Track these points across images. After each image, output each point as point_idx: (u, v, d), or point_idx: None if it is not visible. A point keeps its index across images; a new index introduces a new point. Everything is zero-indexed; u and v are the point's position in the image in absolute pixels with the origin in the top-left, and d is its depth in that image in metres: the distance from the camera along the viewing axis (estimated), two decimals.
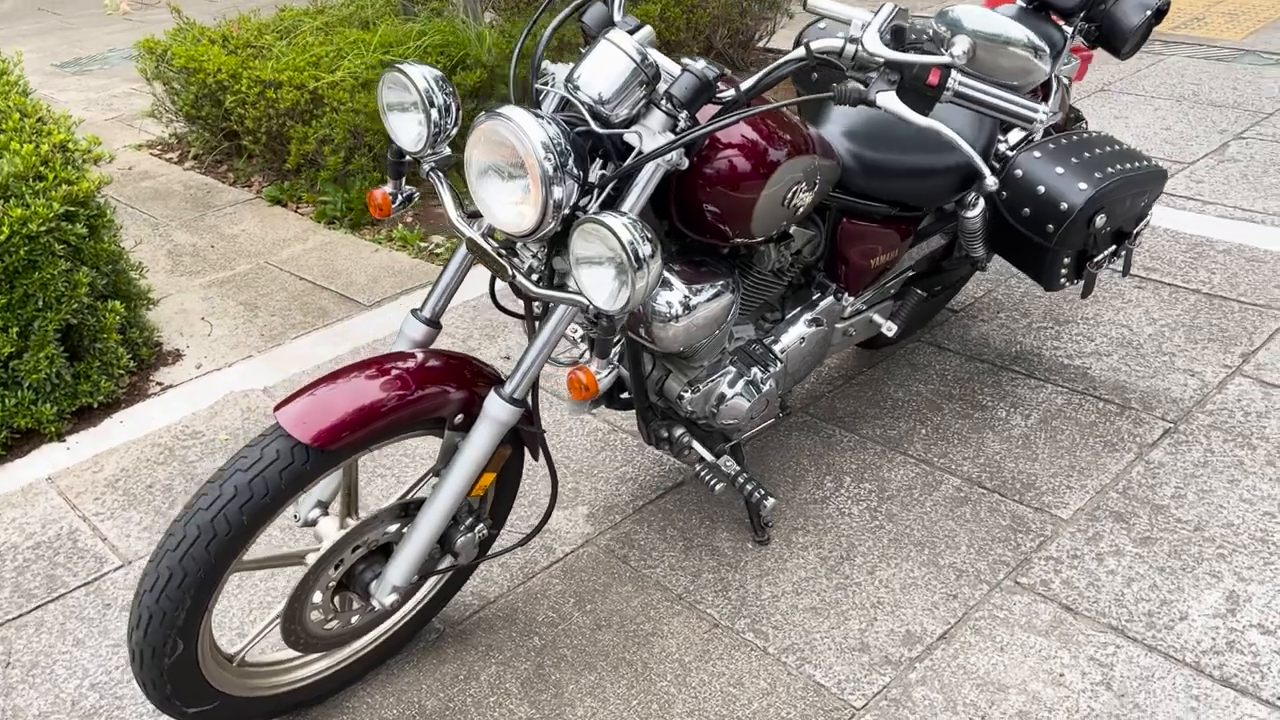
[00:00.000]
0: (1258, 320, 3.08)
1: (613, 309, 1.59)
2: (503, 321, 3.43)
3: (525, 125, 1.58)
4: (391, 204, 1.93)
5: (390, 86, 1.80)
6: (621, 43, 1.66)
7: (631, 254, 1.52)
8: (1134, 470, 2.52)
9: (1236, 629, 2.07)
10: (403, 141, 1.84)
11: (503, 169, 1.66)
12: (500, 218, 1.69)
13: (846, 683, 2.04)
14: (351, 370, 1.76)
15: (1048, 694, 1.97)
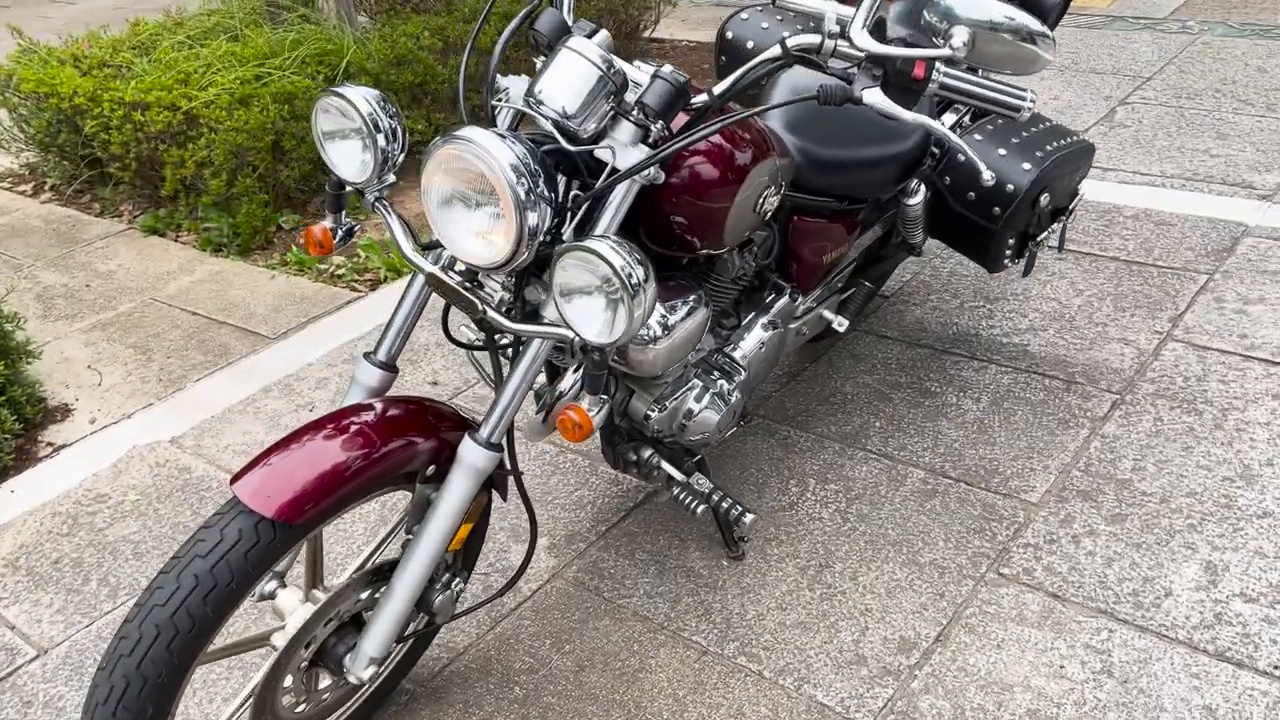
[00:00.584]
0: (1177, 284, 3.14)
1: (606, 341, 1.46)
2: (423, 344, 3.25)
3: (491, 147, 1.44)
4: (333, 239, 1.76)
5: (326, 112, 1.63)
6: (585, 50, 1.53)
7: (626, 281, 1.39)
8: (1091, 446, 2.52)
9: (1220, 600, 2.08)
10: (344, 172, 1.67)
11: (468, 196, 1.51)
12: (466, 250, 1.54)
13: (849, 700, 1.96)
14: (308, 431, 1.59)
15: (1052, 688, 1.94)
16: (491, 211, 1.50)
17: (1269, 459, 2.41)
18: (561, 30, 1.64)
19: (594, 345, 1.49)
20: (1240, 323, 2.91)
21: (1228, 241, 3.32)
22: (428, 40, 4.60)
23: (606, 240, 1.43)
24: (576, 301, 1.47)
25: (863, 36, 1.49)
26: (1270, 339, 2.82)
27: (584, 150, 1.56)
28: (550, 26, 1.64)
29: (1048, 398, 2.71)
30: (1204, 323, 2.94)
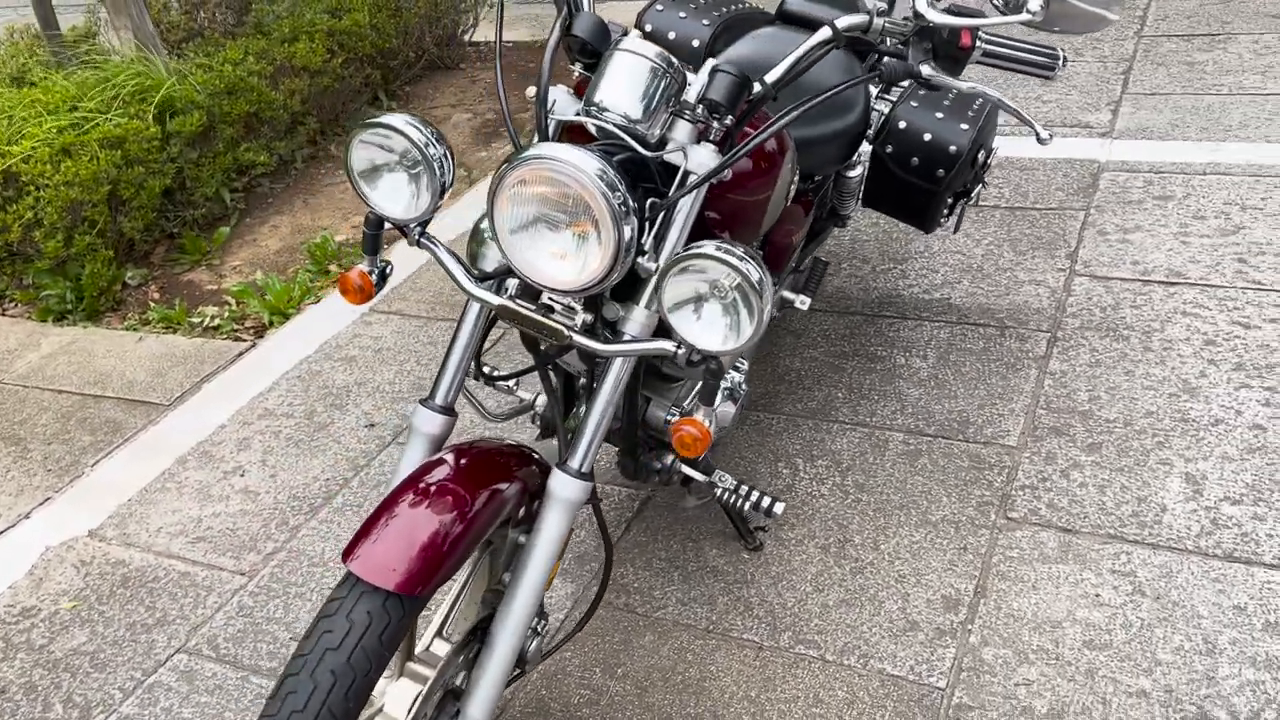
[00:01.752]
0: (1060, 223, 3.35)
1: (732, 346, 1.40)
2: (343, 385, 3.06)
3: (579, 162, 1.35)
4: (374, 283, 1.61)
5: (365, 147, 1.49)
6: (643, 50, 1.46)
7: (754, 283, 1.34)
8: (1045, 385, 2.66)
9: (1210, 506, 2.24)
10: (391, 209, 1.53)
11: (552, 218, 1.41)
12: (549, 274, 1.44)
13: (918, 666, 1.99)
14: (402, 495, 1.45)
15: (1096, 617, 2.03)
16: (577, 231, 1.41)
17: (1201, 371, 2.61)
18: (600, 33, 1.56)
19: (712, 354, 1.43)
20: (1128, 251, 3.14)
21: (1088, 179, 3.57)
22: (255, 66, 4.31)
23: (720, 245, 1.37)
24: (687, 311, 1.41)
25: (929, 10, 1.49)
26: (1159, 262, 3.06)
27: (657, 156, 1.49)
28: (589, 30, 1.56)
29: (987, 345, 2.84)
30: (1097, 255, 3.15)
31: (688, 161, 1.50)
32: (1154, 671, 1.92)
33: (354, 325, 3.35)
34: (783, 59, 2.26)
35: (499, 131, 4.86)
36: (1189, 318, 2.81)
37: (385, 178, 1.52)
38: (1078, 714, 1.86)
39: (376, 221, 1.58)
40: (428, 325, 3.30)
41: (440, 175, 1.48)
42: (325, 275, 3.77)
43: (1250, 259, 3.01)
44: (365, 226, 1.59)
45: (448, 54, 5.44)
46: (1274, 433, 2.39)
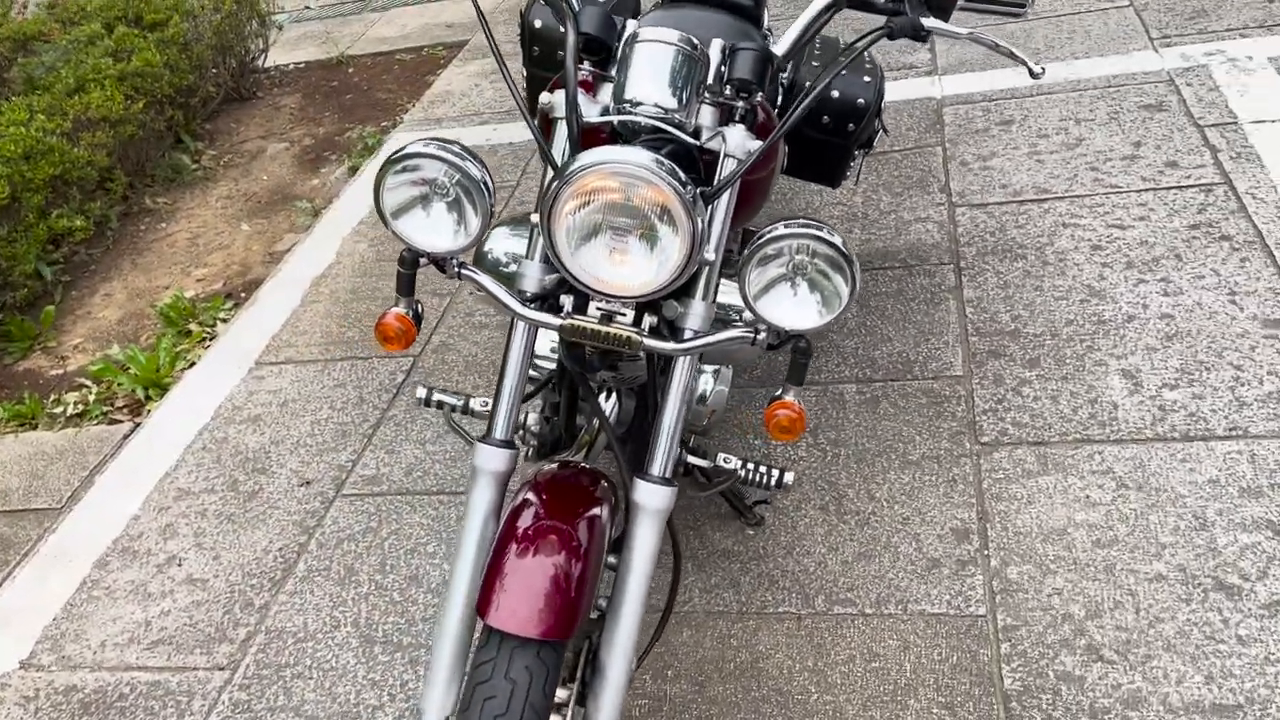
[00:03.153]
0: (924, 160, 3.51)
1: (828, 319, 1.38)
2: (258, 447, 2.84)
3: (641, 160, 1.30)
4: (415, 324, 1.49)
5: (395, 184, 1.37)
6: (665, 37, 1.42)
7: (843, 251, 1.33)
8: (968, 313, 2.79)
9: (1154, 395, 2.41)
10: (434, 243, 1.42)
11: (620, 224, 1.35)
12: (618, 282, 1.38)
13: (955, 600, 2.06)
14: (510, 542, 1.37)
15: (1095, 517, 2.16)
16: (644, 233, 1.35)
17: (1098, 274, 2.81)
18: (609, 27, 1.50)
19: (803, 333, 1.41)
20: (993, 177, 3.33)
21: (933, 116, 3.76)
22: (48, 124, 3.91)
23: (789, 223, 1.35)
24: (775, 295, 1.38)
25: None
26: (1024, 182, 3.26)
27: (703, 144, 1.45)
28: (598, 25, 1.49)
29: (901, 286, 2.94)
30: (967, 185, 3.32)
31: (727, 145, 1.47)
32: (1163, 555, 2.05)
33: (246, 383, 3.12)
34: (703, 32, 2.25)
35: (323, 155, 4.63)
36: (1070, 229, 3.01)
37: (419, 211, 1.41)
38: (1112, 609, 1.98)
39: (413, 260, 1.46)
40: (327, 368, 3.11)
41: (488, 196, 1.38)
42: (189, 336, 3.48)
43: (1101, 166, 3.25)
44: (401, 266, 1.47)
45: (244, 84, 5.12)
46: (1181, 318, 2.60)
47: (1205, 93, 3.48)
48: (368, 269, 3.55)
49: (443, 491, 2.57)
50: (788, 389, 1.48)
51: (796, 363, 1.46)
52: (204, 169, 4.66)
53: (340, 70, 5.42)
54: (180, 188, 4.54)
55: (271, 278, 3.66)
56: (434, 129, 4.43)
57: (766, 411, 1.47)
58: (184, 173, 4.57)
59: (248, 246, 4.03)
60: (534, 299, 1.50)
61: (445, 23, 5.70)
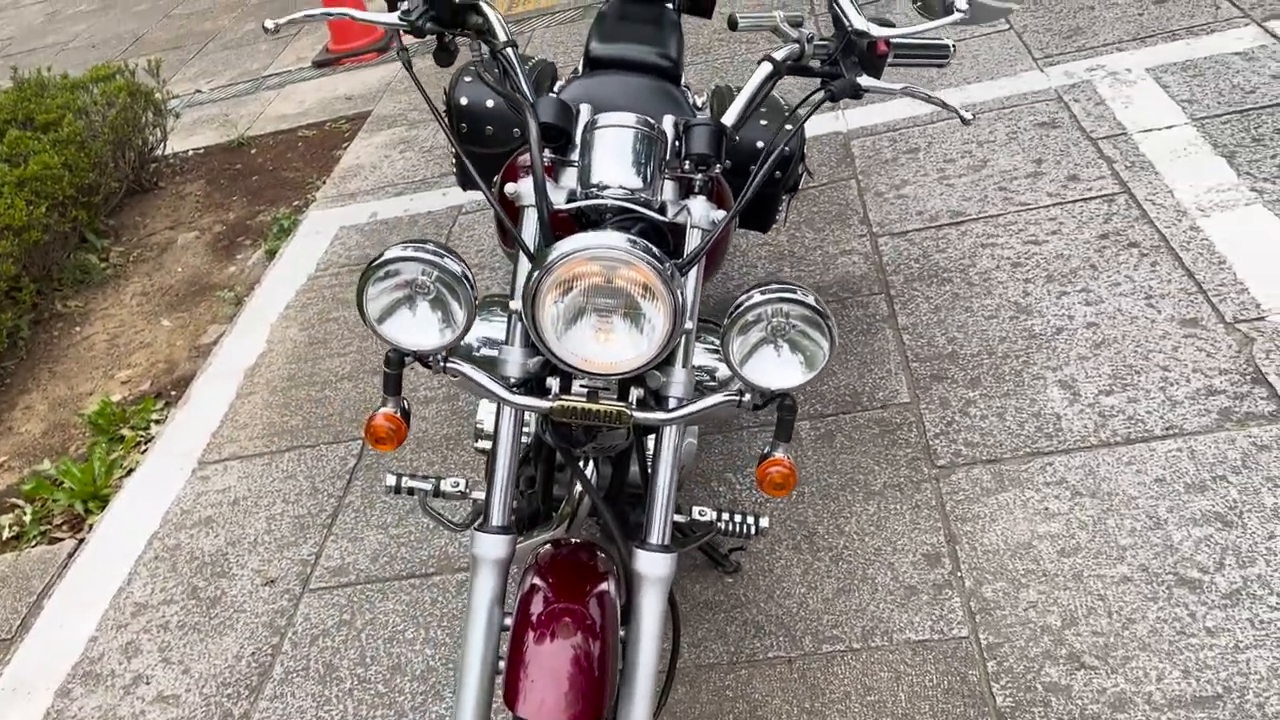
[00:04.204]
0: (840, 194, 3.63)
1: (810, 376, 1.43)
2: (214, 551, 2.78)
3: (618, 243, 1.33)
4: (404, 425, 1.48)
5: (378, 292, 1.38)
6: (624, 121, 1.46)
7: (819, 310, 1.39)
8: (905, 340, 2.88)
9: (1091, 403, 2.53)
10: (421, 342, 1.42)
11: (603, 305, 1.38)
12: (605, 361, 1.41)
13: (937, 624, 2.12)
14: (527, 630, 1.37)
15: (1054, 528, 2.25)
16: (627, 311, 1.38)
17: (1022, 290, 2.93)
18: (566, 115, 1.53)
19: (788, 391, 1.45)
20: (908, 204, 3.45)
21: (842, 149, 3.89)
22: None
23: (764, 289, 1.40)
24: (763, 355, 1.43)
25: (873, 26, 1.58)
26: (939, 207, 3.39)
27: (670, 220, 1.49)
28: (556, 114, 1.52)
29: (838, 319, 3.01)
30: (885, 215, 3.44)
31: (692, 217, 1.52)
32: (1125, 557, 2.15)
33: (191, 485, 3.05)
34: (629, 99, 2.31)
35: (236, 241, 4.57)
36: (989, 248, 3.14)
37: (403, 313, 1.42)
38: (1086, 616, 2.06)
39: (399, 360, 1.47)
40: (274, 461, 3.06)
41: (470, 288, 1.40)
42: (122, 442, 3.39)
43: (1008, 185, 3.40)
44: (387, 367, 1.47)
45: (145, 175, 5.03)
46: (1106, 325, 2.73)
47: (1093, 107, 3.67)
48: (301, 354, 3.51)
49: (413, 575, 2.54)
50: (776, 445, 1.52)
51: (783, 420, 1.50)
52: (114, 266, 4.55)
53: (242, 152, 5.36)
54: (91, 288, 4.43)
55: (202, 372, 3.59)
56: (349, 205, 4.41)
57: (759, 470, 1.51)
58: (93, 272, 4.46)
59: (171, 342, 3.94)
60: (519, 384, 1.52)
61: (344, 95, 5.68)
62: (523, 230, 1.54)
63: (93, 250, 4.60)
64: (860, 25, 1.57)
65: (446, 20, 1.60)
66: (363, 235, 4.14)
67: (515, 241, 1.49)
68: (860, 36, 1.57)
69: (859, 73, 1.61)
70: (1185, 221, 3.01)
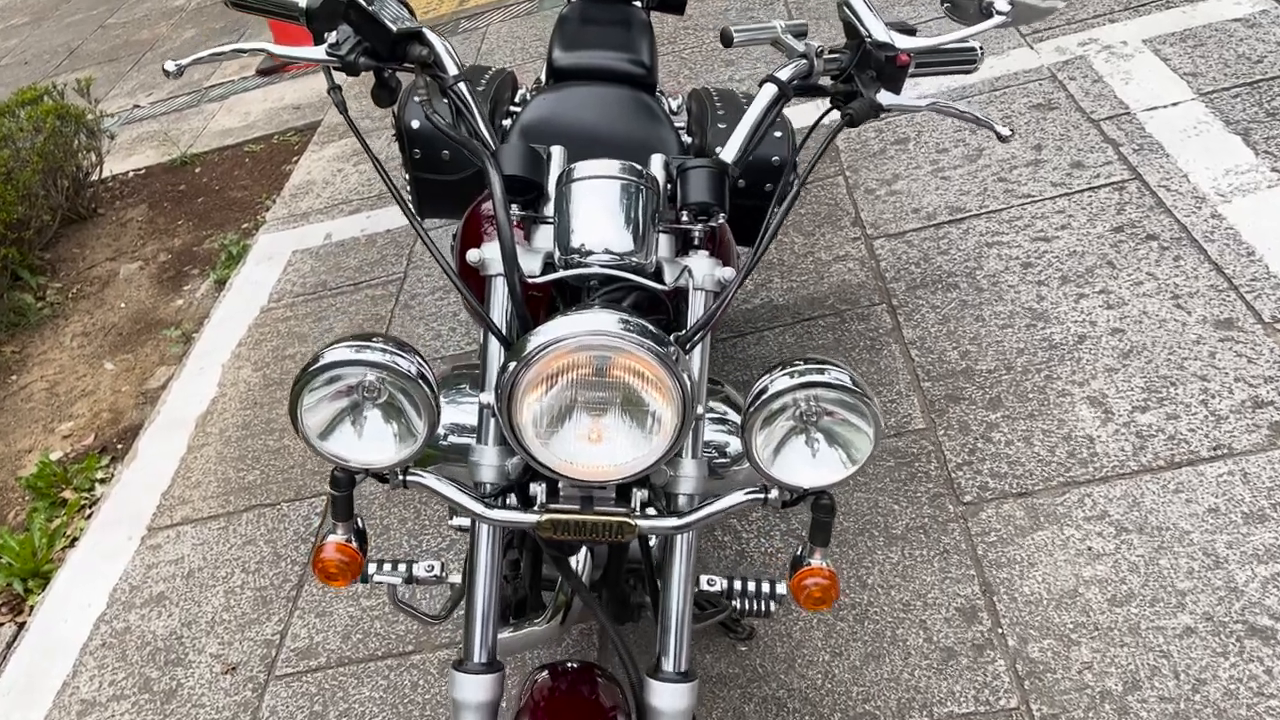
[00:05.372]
0: (827, 193, 3.38)
1: (851, 471, 1.19)
2: (167, 633, 2.51)
3: (609, 327, 1.08)
4: (361, 554, 1.23)
5: (316, 403, 1.11)
6: (607, 170, 1.21)
7: (859, 389, 1.14)
8: (913, 355, 2.64)
9: (1127, 422, 2.30)
10: (376, 457, 1.16)
11: (595, 400, 1.12)
12: (600, 465, 1.16)
13: (980, 691, 1.89)
14: None
15: (1102, 571, 2.02)
16: (625, 407, 1.13)
17: (1036, 294, 2.70)
18: (534, 163, 1.27)
19: (823, 489, 1.21)
20: (903, 201, 3.21)
21: None
22: None
23: (791, 369, 1.15)
24: (786, 454, 1.18)
25: (896, 36, 1.33)
26: (936, 203, 3.15)
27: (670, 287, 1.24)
28: (522, 163, 1.26)
29: (837, 335, 2.79)
30: (879, 215, 3.19)
31: (694, 279, 1.27)
32: (1185, 604, 1.92)
33: (141, 556, 2.77)
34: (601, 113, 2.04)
35: (183, 271, 4.26)
36: (995, 248, 2.91)
37: (348, 425, 1.16)
38: (1150, 678, 1.83)
39: (348, 480, 1.21)
40: (231, 524, 2.79)
41: (429, 390, 1.14)
42: (65, 507, 3.11)
43: (1008, 176, 3.17)
44: (334, 489, 1.22)
45: (81, 202, 4.71)
46: (1132, 331, 2.50)
47: (1090, 85, 3.44)
48: (256, 399, 3.23)
49: (390, 655, 2.29)
50: (812, 551, 1.28)
51: (820, 522, 1.26)
52: (51, 305, 4.23)
53: (186, 171, 5.04)
54: (27, 331, 4.11)
55: (150, 423, 3.30)
56: (301, 226, 4.12)
57: (793, 581, 1.27)
58: (29, 313, 4.14)
59: (115, 388, 3.65)
60: (497, 493, 1.26)
61: (291, 105, 5.37)
62: (491, 304, 1.28)
63: (28, 289, 4.29)
64: (881, 36, 1.32)
65: (384, 53, 1.34)
66: (317, 260, 3.86)
67: (481, 319, 1.23)
68: (880, 49, 1.32)
69: (877, 89, 1.37)
70: (1205, 209, 2.78)
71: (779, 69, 1.38)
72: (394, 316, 3.38)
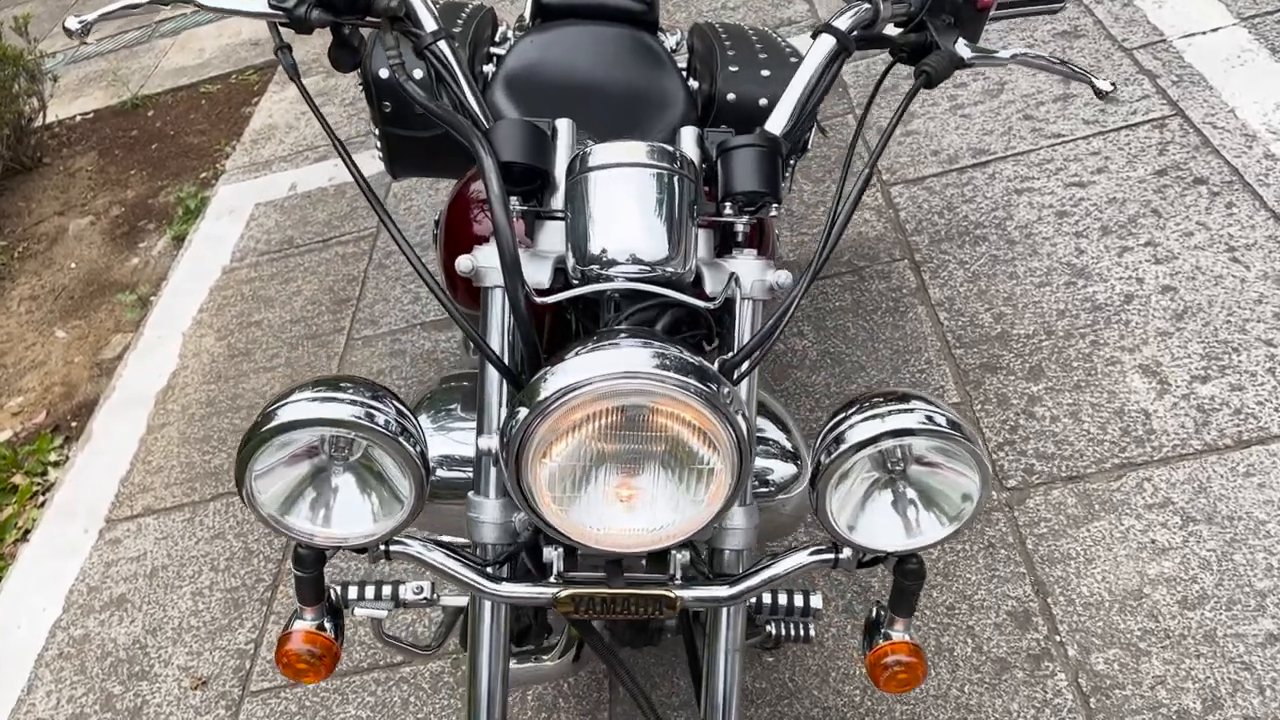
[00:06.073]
0: (837, 134, 3.11)
1: (950, 532, 0.96)
2: (130, 641, 2.28)
3: (646, 366, 0.84)
4: (337, 640, 0.99)
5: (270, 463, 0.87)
6: (634, 156, 0.95)
7: (960, 427, 0.91)
8: (941, 318, 2.41)
9: (1185, 394, 2.08)
10: (352, 531, 0.92)
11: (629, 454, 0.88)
12: (629, 530, 0.92)
13: (1040, 712, 1.69)
14: None
15: (1169, 568, 1.82)
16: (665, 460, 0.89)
17: (1074, 248, 2.46)
18: (537, 145, 1.01)
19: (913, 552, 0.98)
20: (921, 143, 2.94)
21: None
22: None
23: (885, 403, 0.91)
24: (868, 515, 0.94)
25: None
26: (957, 145, 2.89)
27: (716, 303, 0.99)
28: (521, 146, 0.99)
29: (857, 296, 2.55)
30: (895, 159, 2.93)
31: (742, 287, 1.02)
32: (1266, 607, 1.72)
33: (99, 552, 2.53)
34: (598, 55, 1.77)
35: (138, 226, 3.95)
36: (1025, 195, 2.66)
37: (310, 496, 0.91)
38: (1232, 694, 1.64)
39: (315, 558, 0.97)
40: (197, 514, 2.55)
41: (418, 451, 0.90)
42: (15, 494, 2.85)
43: (1034, 113, 2.90)
44: (298, 568, 0.98)
45: (24, 151, 4.36)
46: (1185, 289, 2.27)
47: (1120, 9, 3.16)
48: (220, 370, 2.96)
49: (376, 667, 2.07)
50: (893, 621, 1.05)
51: (904, 588, 1.03)
52: None
53: (138, 115, 4.68)
54: None
55: (106, 399, 3.04)
56: (264, 176, 3.80)
57: (870, 657, 1.04)
58: None
59: (68, 359, 3.37)
60: (502, 559, 1.02)
61: (249, 40, 4.99)
62: (488, 322, 1.03)
63: None
64: None
65: (342, 5, 1.06)
66: (282, 213, 3.56)
67: (477, 346, 0.98)
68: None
69: (954, 38, 1.11)
70: (1257, 148, 2.54)
71: (834, 16, 1.12)
72: (368, 277, 3.11)
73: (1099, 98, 1.21)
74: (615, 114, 1.88)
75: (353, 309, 3.01)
